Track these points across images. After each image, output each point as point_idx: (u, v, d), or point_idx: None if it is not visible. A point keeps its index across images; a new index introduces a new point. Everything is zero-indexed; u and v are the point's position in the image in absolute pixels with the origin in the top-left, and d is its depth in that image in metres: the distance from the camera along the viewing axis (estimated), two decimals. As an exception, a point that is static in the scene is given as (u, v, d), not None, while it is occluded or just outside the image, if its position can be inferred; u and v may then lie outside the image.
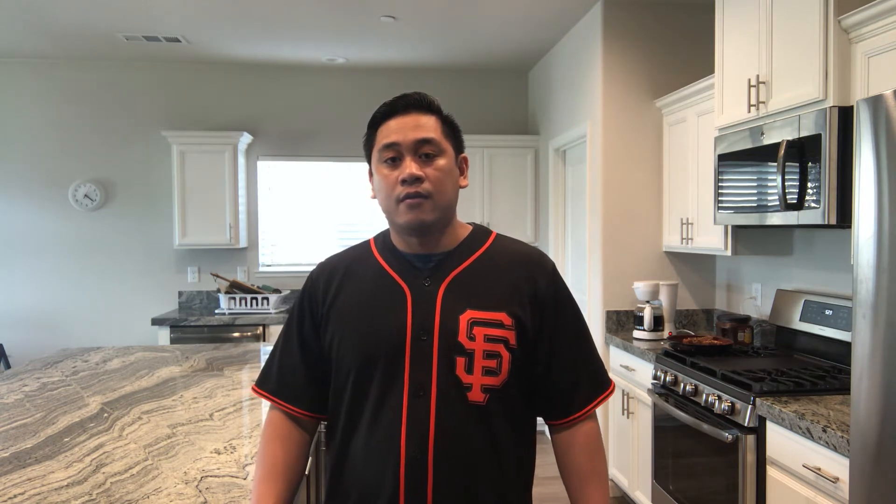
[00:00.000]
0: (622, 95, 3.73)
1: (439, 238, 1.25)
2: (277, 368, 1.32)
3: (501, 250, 1.29)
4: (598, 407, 1.29)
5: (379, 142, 1.24)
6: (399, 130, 1.21)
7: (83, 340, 4.91)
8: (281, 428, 1.28)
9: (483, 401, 1.18)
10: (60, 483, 1.50)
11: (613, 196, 3.73)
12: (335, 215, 5.27)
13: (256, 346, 3.36)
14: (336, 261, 1.33)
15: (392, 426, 1.17)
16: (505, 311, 1.21)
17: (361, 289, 1.26)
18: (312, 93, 5.18)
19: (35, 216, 4.96)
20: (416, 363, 1.18)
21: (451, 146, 1.25)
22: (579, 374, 1.28)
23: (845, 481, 1.81)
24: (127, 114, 5.02)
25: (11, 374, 2.64)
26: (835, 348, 2.65)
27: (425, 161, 1.20)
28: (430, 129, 1.21)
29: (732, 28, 2.82)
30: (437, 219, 1.21)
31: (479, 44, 4.53)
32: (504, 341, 1.20)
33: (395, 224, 1.25)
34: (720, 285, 3.77)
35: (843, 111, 2.20)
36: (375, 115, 1.26)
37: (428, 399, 1.17)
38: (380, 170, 1.23)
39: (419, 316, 1.20)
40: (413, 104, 1.23)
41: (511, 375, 1.20)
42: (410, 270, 1.24)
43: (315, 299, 1.29)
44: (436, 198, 1.20)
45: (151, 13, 3.89)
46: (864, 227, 1.64)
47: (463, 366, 1.18)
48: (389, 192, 1.21)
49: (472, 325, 1.19)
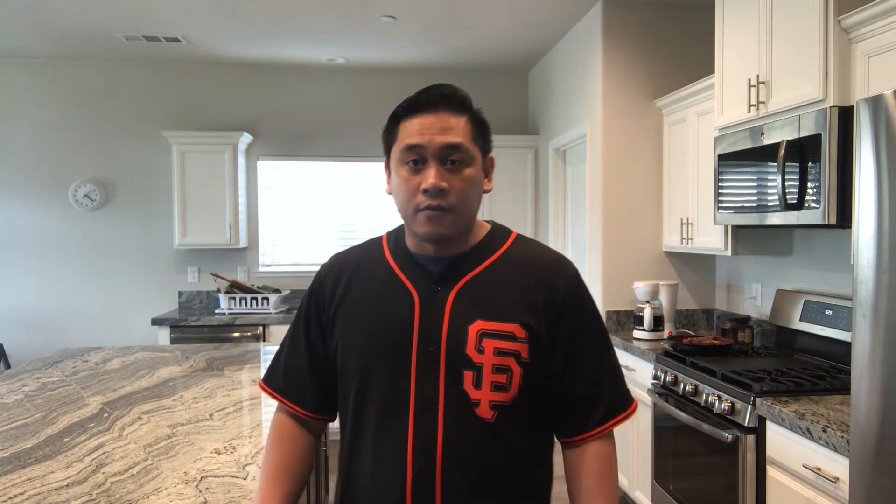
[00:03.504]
0: (622, 95, 3.73)
1: (455, 241, 1.16)
2: (284, 367, 1.28)
3: (520, 253, 1.20)
4: (616, 426, 1.18)
5: (401, 140, 1.12)
6: (425, 132, 1.09)
7: (83, 340, 4.91)
8: (287, 429, 1.25)
9: (491, 417, 1.10)
10: (60, 483, 1.50)
11: (613, 196, 3.73)
12: (335, 215, 5.27)
13: (256, 346, 3.36)
14: (345, 258, 1.27)
15: (398, 441, 1.11)
16: (518, 322, 1.12)
17: (369, 291, 1.19)
18: (312, 93, 5.18)
19: (35, 216, 4.96)
20: (423, 375, 1.11)
21: (479, 150, 1.14)
22: (596, 391, 1.17)
23: (845, 481, 1.81)
24: (127, 114, 5.02)
25: (11, 374, 2.64)
26: (835, 348, 2.65)
27: (451, 169, 1.10)
28: (460, 133, 1.10)
29: (732, 28, 2.82)
30: (457, 231, 1.13)
31: (479, 44, 4.53)
32: (515, 355, 1.11)
33: (411, 229, 1.16)
34: (720, 285, 3.77)
35: (843, 111, 2.20)
36: (399, 107, 1.14)
37: (435, 414, 1.10)
38: (399, 170, 1.12)
39: (426, 324, 1.12)
40: (442, 100, 1.11)
41: (522, 391, 1.12)
42: (421, 273, 1.16)
43: (322, 299, 1.24)
44: (459, 211, 1.11)
45: (151, 13, 3.89)
46: (864, 227, 1.64)
47: (471, 380, 1.10)
48: (408, 198, 1.11)
49: (481, 337, 1.10)
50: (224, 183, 4.79)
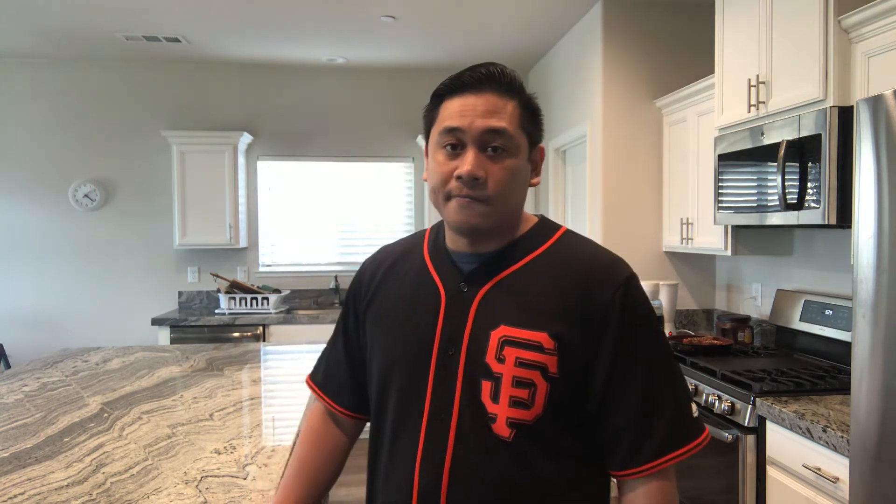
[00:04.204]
0: (622, 95, 3.73)
1: (491, 237, 1.05)
2: (325, 362, 1.24)
3: (563, 252, 1.06)
4: (677, 461, 0.99)
5: (440, 121, 1.01)
6: (466, 113, 0.98)
7: (83, 340, 4.91)
8: (319, 427, 1.22)
9: (509, 436, 0.97)
10: (60, 483, 1.50)
11: (613, 196, 3.73)
12: (335, 215, 5.27)
13: (256, 346, 3.36)
14: (387, 252, 1.19)
15: (408, 449, 1.02)
16: (546, 332, 0.98)
17: (402, 287, 1.11)
18: (312, 93, 5.18)
19: (35, 216, 4.96)
20: (440, 380, 1.01)
21: (526, 138, 1.02)
22: (650, 419, 0.98)
23: (845, 481, 1.81)
24: (127, 114, 5.02)
25: (11, 374, 2.64)
26: (835, 348, 2.65)
27: (492, 157, 0.99)
28: (505, 118, 0.99)
29: (732, 28, 2.82)
30: (493, 225, 1.02)
31: (478, 44, 4.53)
32: (541, 368, 0.97)
33: (444, 219, 1.07)
34: (720, 285, 3.77)
35: (843, 111, 2.20)
36: (442, 85, 1.04)
37: (448, 424, 1.00)
38: (436, 155, 1.02)
39: (449, 325, 1.03)
40: (488, 80, 1.00)
41: (549, 410, 0.97)
42: (452, 270, 1.07)
43: (359, 294, 1.17)
44: (496, 203, 0.99)
45: (151, 13, 3.88)
46: (864, 227, 1.64)
47: (489, 392, 0.98)
48: (441, 184, 1.00)
49: (503, 345, 0.98)
50: (224, 183, 4.79)
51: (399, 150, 5.25)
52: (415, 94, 5.14)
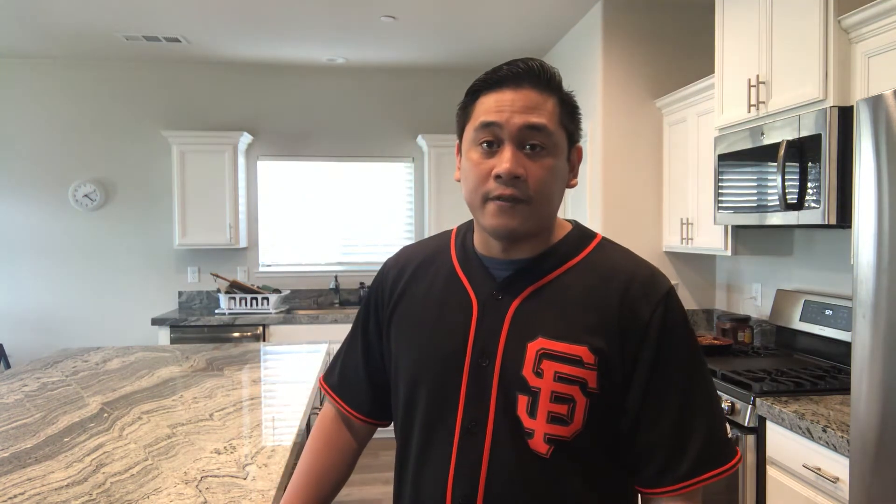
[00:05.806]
0: (622, 95, 3.73)
1: (527, 242, 1.00)
2: (341, 364, 1.20)
3: (601, 262, 1.02)
4: (709, 483, 0.96)
5: (476, 117, 0.97)
6: (503, 108, 0.94)
7: (83, 340, 4.91)
8: (330, 430, 1.19)
9: (546, 453, 0.94)
10: (60, 483, 1.50)
11: (613, 195, 3.73)
12: (335, 215, 5.27)
13: (256, 346, 3.36)
14: (411, 253, 1.14)
15: (440, 464, 0.99)
16: (587, 346, 0.94)
17: (429, 293, 1.06)
18: (312, 93, 5.18)
19: (35, 216, 4.96)
20: (473, 392, 0.97)
21: (565, 137, 0.99)
22: (679, 440, 0.96)
23: (845, 481, 1.81)
24: (127, 114, 5.02)
25: (11, 374, 2.64)
26: (835, 348, 2.65)
27: (531, 155, 0.94)
28: (545, 114, 0.95)
29: (732, 28, 2.82)
30: (531, 228, 0.97)
31: (479, 43, 4.53)
32: (581, 384, 0.94)
33: (478, 222, 1.01)
34: (720, 285, 3.77)
35: (843, 111, 2.20)
36: (478, 81, 0.99)
37: (482, 438, 0.96)
38: (471, 153, 0.97)
39: (482, 335, 0.98)
40: (528, 75, 0.96)
41: (589, 427, 0.94)
42: (485, 277, 1.02)
43: (381, 297, 1.12)
44: (535, 204, 0.95)
45: (151, 13, 3.89)
46: (864, 227, 1.64)
47: (525, 406, 0.94)
48: (477, 184, 0.96)
49: (541, 358, 0.95)
50: (224, 183, 4.80)
51: (399, 150, 5.25)
52: (415, 94, 5.15)
